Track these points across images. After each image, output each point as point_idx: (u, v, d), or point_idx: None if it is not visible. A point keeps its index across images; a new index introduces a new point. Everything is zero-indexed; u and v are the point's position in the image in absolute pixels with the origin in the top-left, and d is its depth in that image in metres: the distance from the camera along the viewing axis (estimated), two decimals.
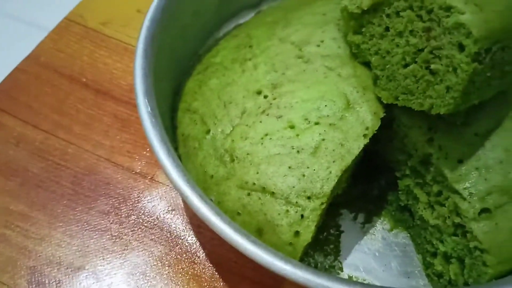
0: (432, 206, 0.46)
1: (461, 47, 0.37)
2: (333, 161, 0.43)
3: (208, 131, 0.48)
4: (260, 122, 0.46)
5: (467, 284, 0.43)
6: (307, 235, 0.41)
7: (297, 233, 0.41)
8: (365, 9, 0.45)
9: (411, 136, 0.46)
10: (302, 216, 0.41)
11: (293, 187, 0.42)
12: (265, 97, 0.48)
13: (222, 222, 0.39)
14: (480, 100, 0.41)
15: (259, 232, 0.42)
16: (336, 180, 0.42)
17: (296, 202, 0.42)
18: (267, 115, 0.46)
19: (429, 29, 0.40)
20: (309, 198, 0.42)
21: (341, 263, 0.49)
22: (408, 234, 0.51)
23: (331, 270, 0.49)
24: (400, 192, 0.50)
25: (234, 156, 0.45)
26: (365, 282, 0.48)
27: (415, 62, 0.42)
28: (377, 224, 0.52)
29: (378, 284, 0.48)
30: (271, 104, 0.47)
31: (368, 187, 0.54)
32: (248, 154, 0.45)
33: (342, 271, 0.49)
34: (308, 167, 0.43)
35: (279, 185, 0.42)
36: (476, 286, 0.41)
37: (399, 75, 0.43)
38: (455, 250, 0.44)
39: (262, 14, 0.62)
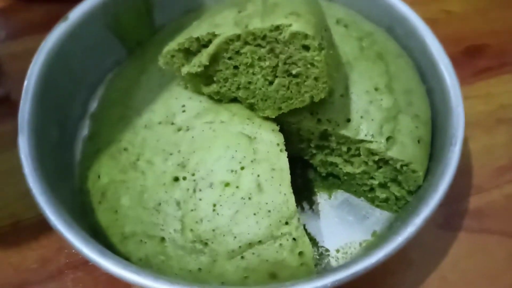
0: (349, 161, 0.57)
1: (305, 47, 0.46)
2: (279, 184, 0.49)
3: (162, 240, 0.49)
4: (200, 199, 0.49)
5: (410, 192, 0.55)
6: (308, 249, 0.47)
7: (300, 253, 0.47)
8: (207, 64, 0.51)
9: (304, 126, 0.55)
10: (294, 239, 0.47)
11: (270, 225, 0.47)
12: (184, 178, 0.51)
13: None
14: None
15: (273, 276, 0.47)
16: (293, 196, 0.49)
17: (281, 233, 0.47)
18: (200, 190, 0.50)
19: (272, 49, 0.48)
20: (287, 223, 0.48)
21: (323, 247, 0.57)
22: (343, 190, 0.61)
23: (322, 257, 0.56)
24: (317, 168, 0.60)
25: (205, 240, 0.48)
26: (349, 246, 0.57)
27: (277, 77, 0.50)
28: (319, 201, 0.61)
29: (357, 237, 0.57)
30: (195, 180, 0.50)
31: (293, 181, 0.61)
32: (213, 230, 0.48)
33: (329, 251, 0.56)
34: (266, 203, 0.48)
35: (259, 232, 0.47)
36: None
37: (270, 93, 0.51)
38: (386, 177, 0.55)
39: (101, 115, 0.62)
